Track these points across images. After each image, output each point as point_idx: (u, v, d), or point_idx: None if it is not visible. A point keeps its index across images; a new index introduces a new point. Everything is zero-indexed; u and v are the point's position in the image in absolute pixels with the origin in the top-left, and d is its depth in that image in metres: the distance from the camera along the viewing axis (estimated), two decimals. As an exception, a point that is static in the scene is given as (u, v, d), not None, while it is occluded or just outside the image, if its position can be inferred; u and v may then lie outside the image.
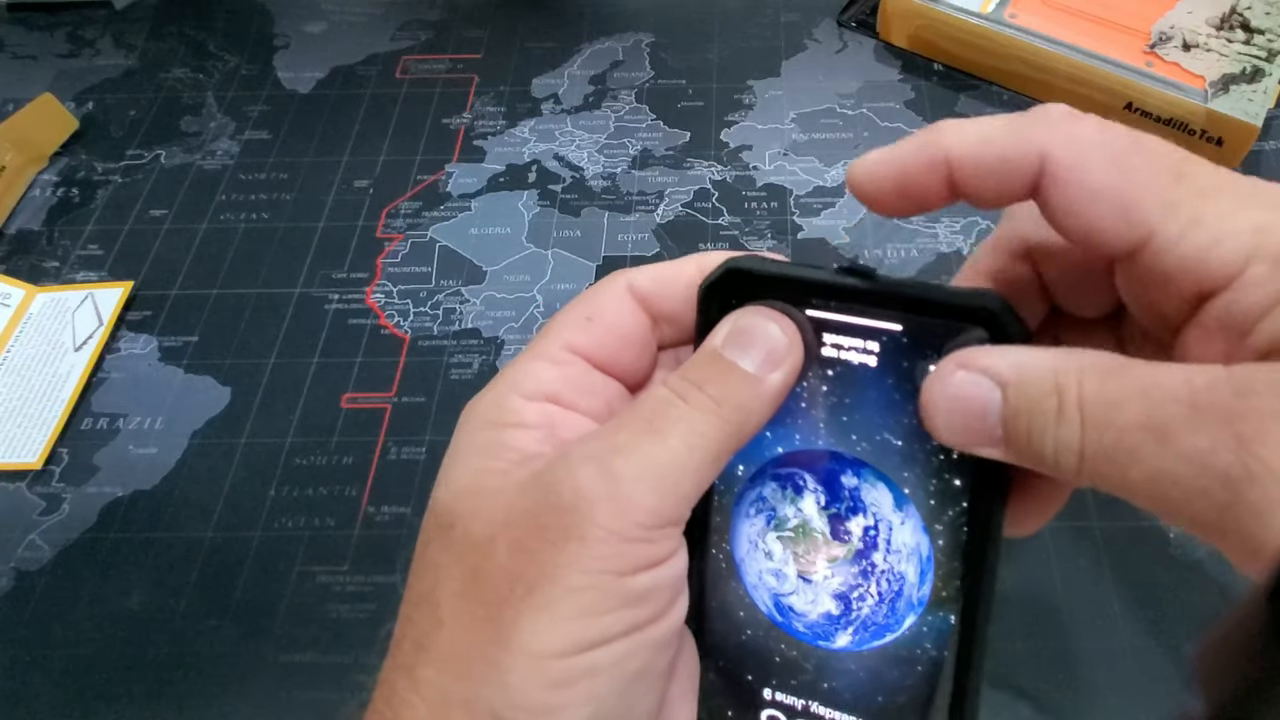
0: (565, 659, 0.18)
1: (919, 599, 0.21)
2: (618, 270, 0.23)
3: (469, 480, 0.20)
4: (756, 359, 0.20)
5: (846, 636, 0.22)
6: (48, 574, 0.38)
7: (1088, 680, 0.34)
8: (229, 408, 0.43)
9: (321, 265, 0.48)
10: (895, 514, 0.21)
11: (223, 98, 0.56)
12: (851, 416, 0.21)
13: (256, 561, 0.38)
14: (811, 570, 0.22)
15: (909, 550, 0.21)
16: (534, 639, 0.18)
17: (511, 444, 0.21)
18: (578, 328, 0.22)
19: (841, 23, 0.58)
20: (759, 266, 0.21)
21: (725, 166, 0.51)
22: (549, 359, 0.22)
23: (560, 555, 0.18)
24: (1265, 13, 0.51)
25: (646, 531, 0.19)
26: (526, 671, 0.18)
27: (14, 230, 0.50)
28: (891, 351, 0.20)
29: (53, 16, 0.61)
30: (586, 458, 0.19)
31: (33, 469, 0.41)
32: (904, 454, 0.21)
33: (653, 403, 0.20)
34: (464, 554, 0.20)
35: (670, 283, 0.23)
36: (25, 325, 0.46)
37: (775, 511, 0.22)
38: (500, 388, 0.22)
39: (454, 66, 0.57)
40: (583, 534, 0.18)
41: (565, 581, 0.18)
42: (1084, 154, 0.18)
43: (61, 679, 0.35)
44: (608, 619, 0.19)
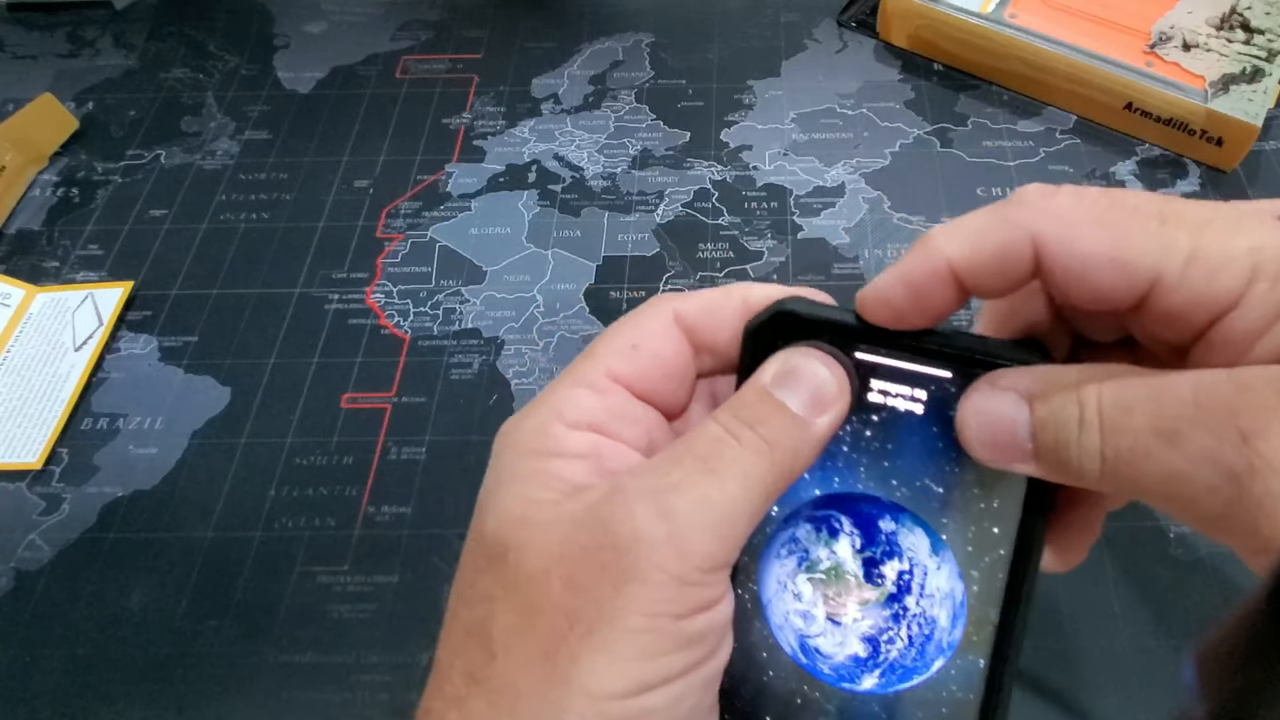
0: (623, 700, 0.18)
1: (949, 643, 0.21)
2: (663, 295, 0.23)
3: (519, 510, 0.20)
4: (804, 401, 0.20)
5: (873, 679, 0.22)
6: (48, 574, 0.38)
7: (1088, 680, 0.34)
8: (229, 408, 0.43)
9: (321, 265, 0.48)
10: (931, 559, 0.22)
11: (223, 98, 0.56)
12: (893, 462, 0.21)
13: (256, 561, 0.38)
14: (841, 613, 0.22)
15: (943, 595, 0.22)
16: (592, 679, 0.18)
17: (559, 474, 0.20)
18: (623, 356, 0.22)
19: (841, 23, 0.58)
20: (807, 310, 0.21)
21: (725, 166, 0.51)
22: (592, 387, 0.22)
23: (619, 597, 0.18)
24: (1265, 13, 0.51)
25: (703, 575, 0.19)
26: (584, 711, 0.18)
27: (14, 230, 0.50)
28: (936, 398, 0.21)
29: (53, 16, 0.61)
30: (644, 495, 0.19)
31: (33, 469, 0.41)
32: (944, 500, 0.21)
33: (706, 441, 0.20)
34: (518, 586, 0.19)
35: (715, 313, 0.22)
36: (25, 325, 0.46)
37: (808, 553, 0.22)
38: (542, 414, 0.21)
39: (454, 66, 0.57)
40: (643, 577, 0.18)
41: (624, 623, 0.18)
42: (1070, 224, 0.18)
43: (61, 679, 0.35)
44: (665, 661, 0.19)
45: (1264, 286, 0.17)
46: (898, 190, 0.49)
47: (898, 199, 0.49)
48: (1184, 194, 0.48)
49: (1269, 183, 0.48)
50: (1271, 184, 0.48)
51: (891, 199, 0.49)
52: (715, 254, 0.47)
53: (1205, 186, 0.48)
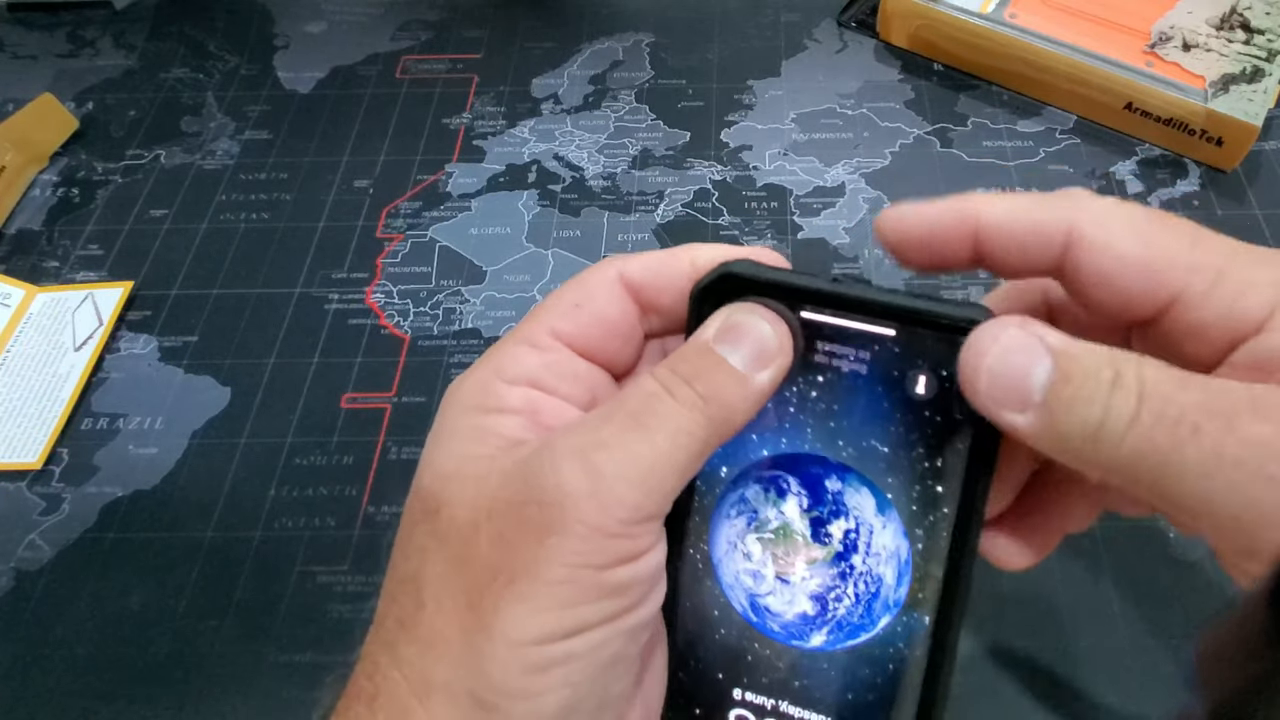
0: (542, 646, 0.19)
1: (895, 600, 0.22)
2: (609, 257, 0.23)
3: (453, 466, 0.21)
4: (746, 356, 0.21)
5: (821, 636, 0.23)
6: (48, 574, 0.38)
7: (1088, 680, 0.34)
8: (229, 408, 0.43)
9: (321, 265, 0.48)
10: (877, 518, 0.22)
11: (223, 98, 0.56)
12: (839, 422, 0.22)
13: (256, 561, 0.38)
14: (790, 571, 0.23)
15: (888, 553, 0.22)
16: (513, 627, 0.19)
17: (495, 429, 0.21)
18: (564, 314, 0.22)
19: (841, 23, 0.58)
20: (753, 271, 0.21)
21: (725, 166, 0.51)
22: (533, 344, 0.22)
23: (541, 548, 0.19)
24: (1265, 13, 0.51)
25: (627, 527, 0.19)
26: (505, 658, 0.19)
27: (14, 230, 0.50)
28: (882, 360, 0.21)
29: (53, 16, 0.61)
30: (570, 451, 0.19)
31: (33, 469, 0.41)
32: (889, 460, 0.21)
33: (639, 396, 0.20)
34: (448, 539, 0.20)
35: (662, 274, 0.23)
36: (25, 325, 0.46)
37: (757, 513, 0.23)
38: (483, 371, 0.22)
39: (454, 66, 0.57)
40: (564, 529, 0.19)
41: (545, 574, 0.19)
42: (1110, 225, 0.19)
43: (61, 679, 0.35)
44: (585, 610, 0.19)
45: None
46: (898, 190, 0.49)
47: (898, 199, 0.49)
48: (1184, 194, 0.48)
49: (1269, 183, 0.48)
50: (1272, 184, 0.48)
51: (891, 199, 0.49)
52: (715, 254, 0.47)
53: (1205, 186, 0.48)
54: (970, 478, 0.21)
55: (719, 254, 0.22)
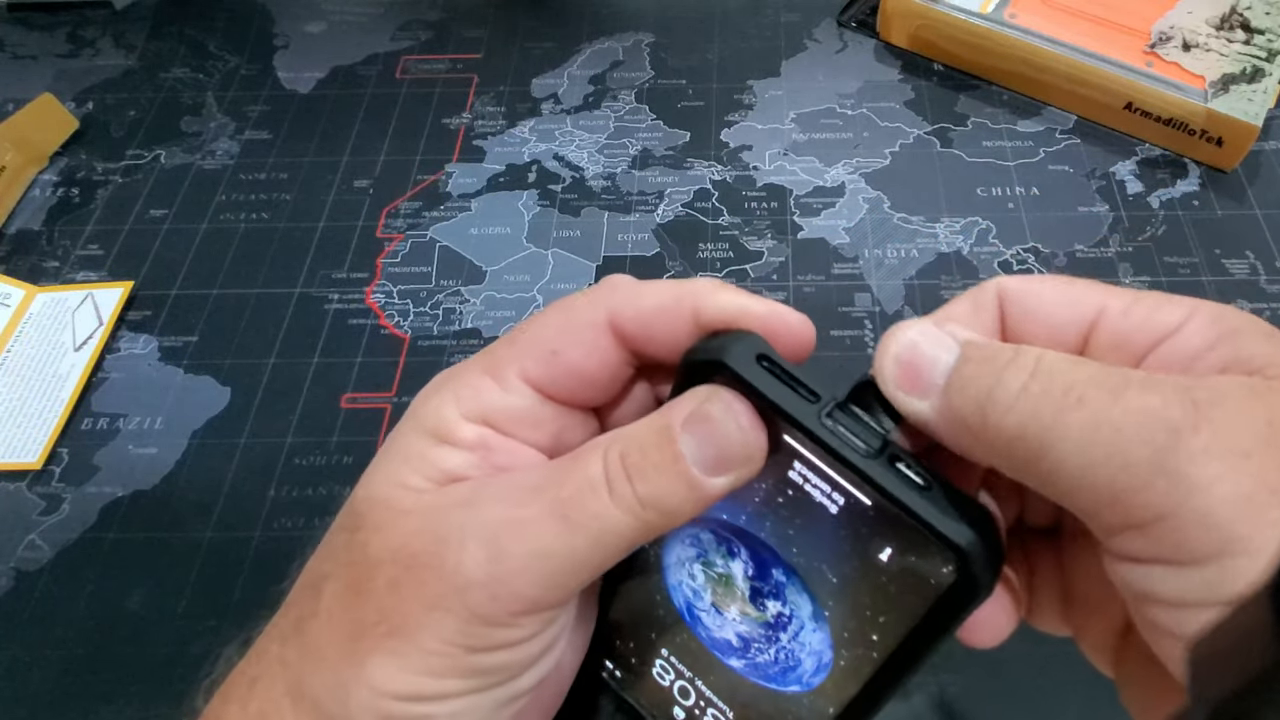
0: (402, 703, 0.19)
1: (809, 683, 0.22)
2: (612, 284, 0.21)
3: (385, 490, 0.21)
4: (707, 457, 0.19)
5: (739, 663, 0.23)
6: (48, 574, 0.38)
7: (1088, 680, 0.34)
8: (229, 408, 0.43)
9: (321, 265, 0.48)
10: (810, 621, 0.22)
11: (223, 98, 0.56)
12: (799, 534, 0.21)
13: (256, 561, 0.38)
14: (725, 609, 0.23)
15: (812, 650, 0.22)
16: (380, 678, 0.19)
17: (438, 462, 0.20)
18: (539, 360, 0.21)
19: (841, 23, 0.58)
20: (747, 373, 0.19)
21: (725, 166, 0.51)
22: (499, 380, 0.21)
23: (425, 615, 0.19)
24: (1265, 13, 0.51)
25: (514, 618, 0.19)
26: (365, 702, 0.19)
27: (14, 230, 0.50)
28: (852, 514, 0.19)
29: (53, 16, 0.61)
30: (481, 529, 0.19)
31: (33, 469, 0.41)
32: (836, 590, 0.21)
33: (576, 483, 0.19)
34: (355, 564, 0.20)
35: (656, 327, 0.21)
36: (25, 325, 0.46)
37: (707, 554, 0.23)
38: (445, 394, 0.21)
39: (454, 66, 0.57)
40: (448, 607, 0.19)
41: (420, 641, 0.19)
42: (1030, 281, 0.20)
43: (61, 679, 0.35)
44: (449, 682, 0.19)
45: (1202, 320, 0.18)
46: (898, 190, 0.49)
47: (898, 199, 0.49)
48: (1184, 194, 0.48)
49: (1269, 183, 0.48)
50: (1272, 184, 0.48)
51: (891, 199, 0.49)
52: (715, 254, 0.47)
53: (1205, 186, 0.48)
54: (902, 650, 0.20)
55: (727, 308, 0.20)
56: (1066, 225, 0.47)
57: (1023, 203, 0.48)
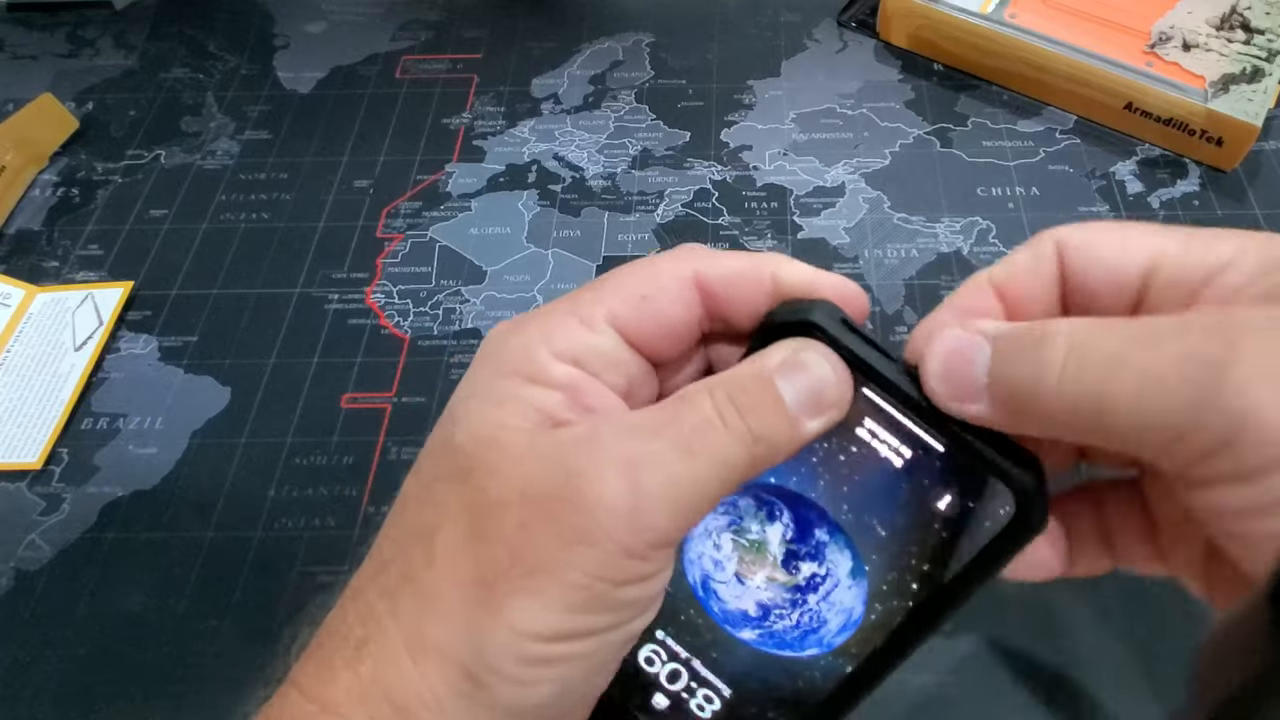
0: (544, 643, 0.19)
1: (829, 643, 0.23)
2: (690, 248, 0.23)
3: (490, 431, 0.20)
4: (802, 398, 0.20)
5: (752, 634, 0.24)
6: (48, 574, 0.38)
7: (1088, 680, 0.34)
8: (229, 408, 0.43)
9: (321, 265, 0.48)
10: (847, 578, 0.23)
11: (223, 98, 0.56)
12: (853, 491, 0.22)
13: (256, 561, 0.38)
14: (749, 577, 0.24)
15: (842, 608, 0.23)
16: (520, 618, 0.19)
17: (536, 402, 0.21)
18: (626, 301, 0.22)
19: (841, 23, 0.58)
20: (835, 331, 0.21)
21: (725, 166, 0.51)
22: (587, 322, 0.22)
23: (565, 551, 0.19)
24: (1265, 13, 0.51)
25: (651, 550, 0.19)
26: (506, 643, 0.19)
27: (14, 230, 0.50)
28: (919, 463, 0.21)
29: (53, 16, 0.61)
30: (617, 460, 0.19)
31: (33, 469, 0.41)
32: (881, 544, 0.22)
33: (693, 420, 0.20)
34: (475, 508, 0.20)
35: (740, 286, 0.22)
36: (25, 325, 0.46)
37: (742, 521, 0.24)
38: (531, 335, 0.21)
39: (454, 66, 0.57)
40: (594, 541, 0.19)
41: (563, 577, 0.19)
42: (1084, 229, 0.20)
43: (61, 679, 0.35)
44: (592, 618, 0.20)
45: (1250, 254, 0.18)
46: (898, 190, 0.49)
47: (898, 199, 0.49)
48: (1184, 194, 0.48)
49: (1269, 183, 0.48)
50: (1272, 184, 0.48)
51: (891, 199, 0.49)
52: (715, 254, 0.47)
53: (1205, 186, 0.48)
54: (945, 592, 0.22)
55: (802, 277, 0.22)
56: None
57: (1023, 203, 0.48)
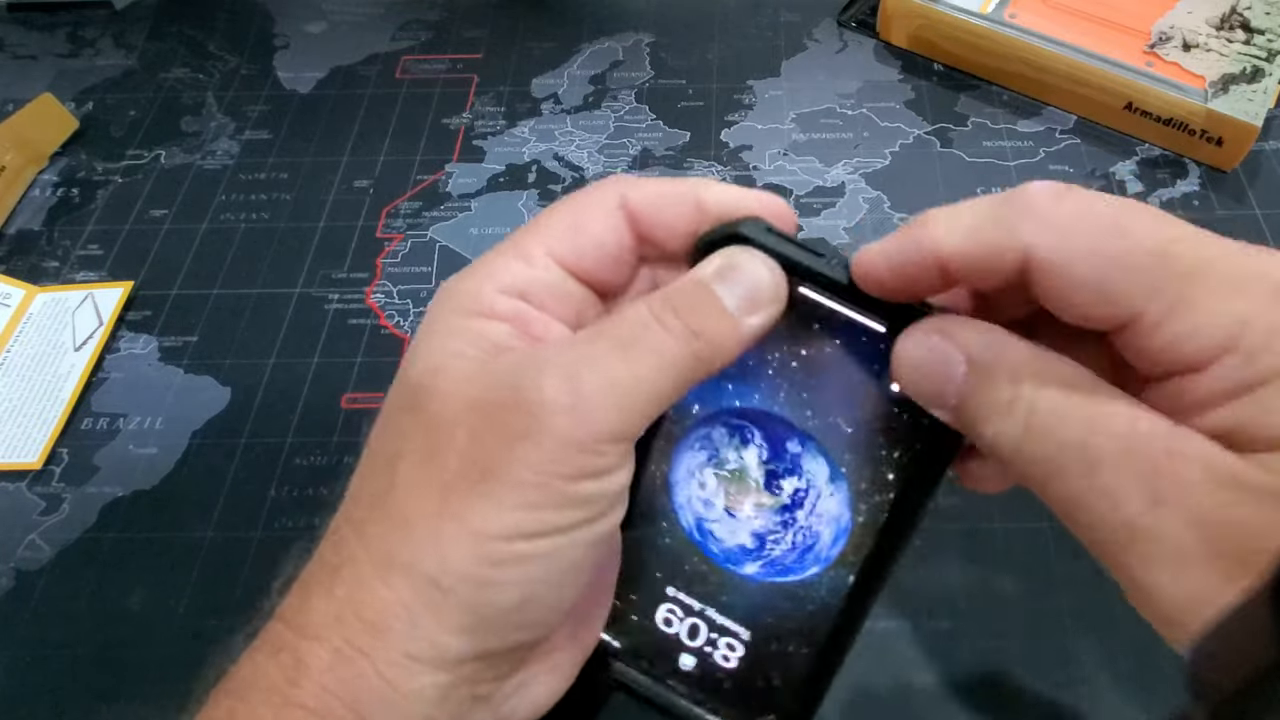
0: (505, 542, 0.20)
1: (826, 556, 0.24)
2: (616, 178, 0.24)
3: (440, 361, 0.22)
4: (740, 298, 0.21)
5: (754, 567, 0.25)
6: (48, 574, 0.38)
7: (1087, 680, 0.34)
8: (229, 408, 0.43)
9: (321, 265, 0.48)
10: (827, 486, 0.24)
11: (223, 98, 0.56)
12: (812, 395, 0.23)
13: (257, 561, 0.38)
14: (738, 508, 0.25)
15: (830, 517, 0.24)
16: (479, 519, 0.20)
17: (483, 332, 0.22)
18: (560, 235, 0.23)
19: (841, 23, 0.58)
20: (763, 240, 0.22)
21: (725, 166, 0.51)
22: (526, 259, 0.23)
23: (515, 451, 0.20)
24: (1265, 13, 0.51)
25: (598, 444, 0.20)
26: (467, 547, 0.20)
27: (14, 230, 0.50)
28: (866, 350, 0.22)
29: (53, 16, 0.61)
30: (556, 365, 0.20)
31: (33, 469, 0.41)
32: (850, 440, 0.23)
33: (630, 322, 0.21)
34: (428, 429, 0.21)
35: (665, 209, 0.23)
36: (25, 325, 0.46)
37: (718, 452, 0.25)
38: (477, 277, 0.23)
39: (454, 66, 0.57)
40: (539, 438, 0.20)
41: (515, 476, 0.20)
42: (1065, 246, 0.18)
43: (61, 679, 0.35)
44: (548, 515, 0.20)
45: (1235, 361, 0.17)
46: (898, 190, 0.49)
47: (898, 199, 0.49)
48: (1184, 194, 0.48)
49: (1269, 183, 0.48)
50: (1272, 184, 0.48)
51: (891, 199, 0.49)
52: (715, 254, 0.47)
53: (1205, 186, 0.48)
54: (922, 475, 0.22)
55: (727, 197, 0.23)
56: (1066, 225, 0.47)
57: (1023, 203, 0.48)
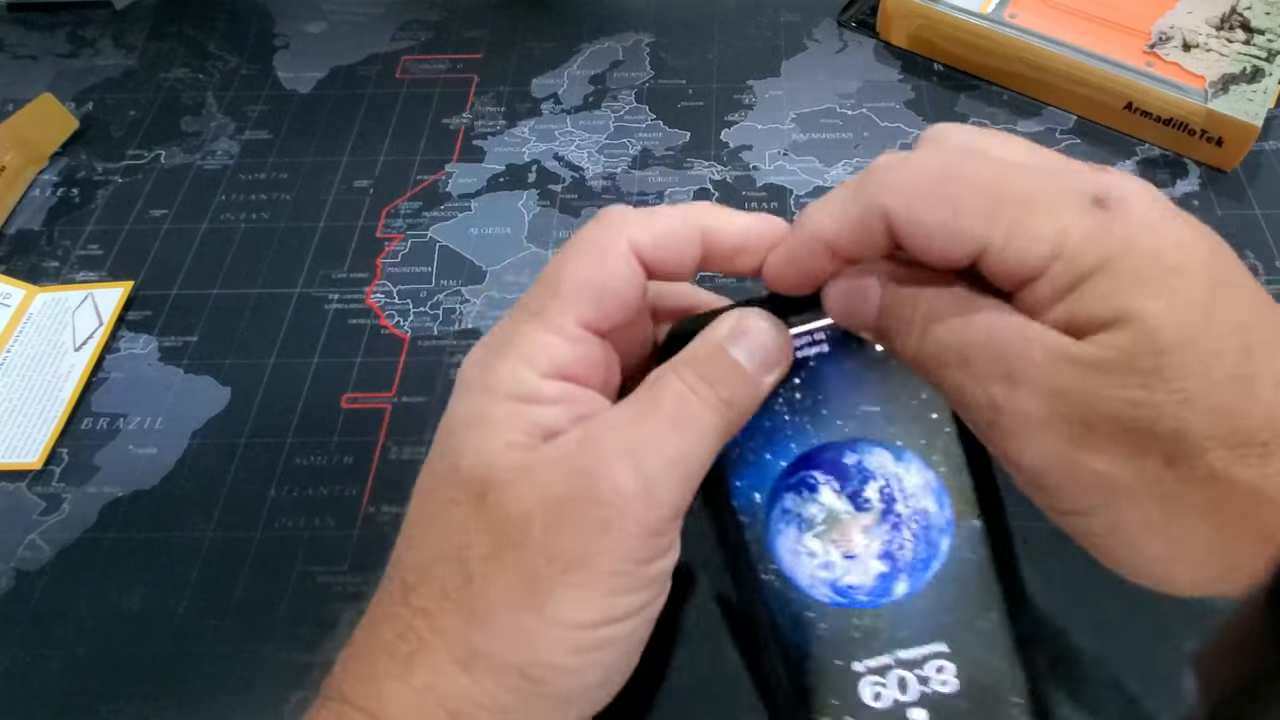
0: (591, 630, 0.21)
1: (946, 522, 0.25)
2: (619, 218, 0.24)
3: (497, 454, 0.22)
4: (755, 358, 0.23)
5: (903, 584, 0.26)
6: (48, 574, 0.38)
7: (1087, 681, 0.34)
8: (229, 408, 0.43)
9: (321, 265, 0.48)
10: (898, 466, 0.25)
11: (223, 98, 0.56)
12: (829, 405, 0.25)
13: (256, 561, 0.38)
14: (851, 547, 0.26)
15: (921, 488, 0.25)
16: (566, 611, 0.21)
17: (535, 420, 0.22)
18: (588, 301, 0.23)
19: (841, 23, 0.58)
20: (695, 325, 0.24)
21: (725, 166, 0.51)
22: (561, 333, 0.23)
23: (596, 543, 0.21)
24: (1265, 13, 0.51)
25: (666, 524, 0.22)
26: (556, 638, 0.21)
27: (14, 230, 0.50)
28: (837, 337, 0.25)
29: (53, 16, 0.61)
30: (620, 452, 0.21)
31: (33, 469, 0.41)
32: (883, 415, 0.25)
33: (672, 398, 0.22)
34: (498, 523, 0.21)
35: (672, 247, 0.24)
36: (25, 325, 0.46)
37: (802, 516, 0.26)
38: (514, 361, 0.23)
39: (454, 66, 0.57)
40: (620, 528, 0.21)
41: (598, 565, 0.21)
42: (911, 200, 0.21)
43: (61, 679, 0.35)
44: (628, 599, 0.22)
45: (1060, 266, 0.19)
46: (898, 190, 0.49)
47: (898, 199, 0.49)
48: (1184, 194, 0.48)
49: (1269, 183, 0.48)
50: (1272, 184, 0.48)
51: (891, 199, 0.49)
52: (715, 254, 0.47)
53: (1205, 186, 0.48)
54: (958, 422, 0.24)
55: (731, 226, 0.24)
56: (1066, 225, 0.47)
57: (1023, 203, 0.48)
